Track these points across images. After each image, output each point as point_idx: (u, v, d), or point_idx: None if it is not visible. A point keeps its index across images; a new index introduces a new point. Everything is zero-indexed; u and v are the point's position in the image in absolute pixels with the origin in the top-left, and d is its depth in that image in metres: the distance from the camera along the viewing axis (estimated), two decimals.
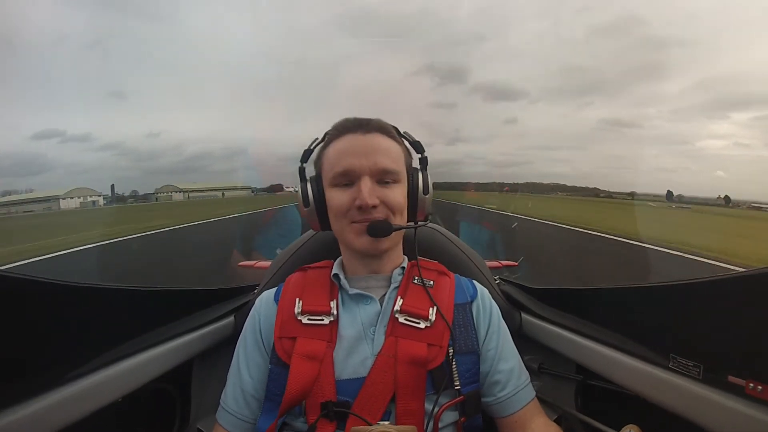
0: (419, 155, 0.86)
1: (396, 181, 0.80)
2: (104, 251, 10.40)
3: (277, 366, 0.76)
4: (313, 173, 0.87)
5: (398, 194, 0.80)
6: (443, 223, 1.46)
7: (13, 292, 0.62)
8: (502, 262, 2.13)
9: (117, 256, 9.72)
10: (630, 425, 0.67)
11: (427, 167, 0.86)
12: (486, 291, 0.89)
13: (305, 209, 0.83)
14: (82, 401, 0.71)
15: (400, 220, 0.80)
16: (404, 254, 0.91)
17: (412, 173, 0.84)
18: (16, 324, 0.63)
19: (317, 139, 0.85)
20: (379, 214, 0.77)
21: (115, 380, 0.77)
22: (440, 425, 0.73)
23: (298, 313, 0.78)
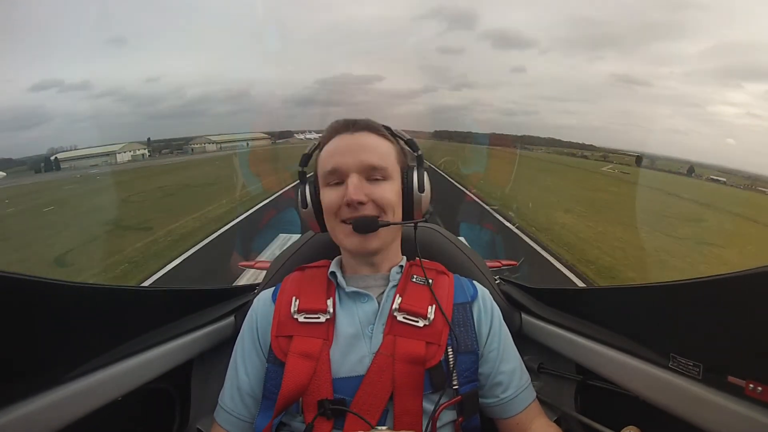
0: (415, 153, 0.86)
1: (385, 178, 0.80)
2: None
3: (274, 364, 0.77)
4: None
5: (387, 190, 0.79)
6: None
7: (13, 292, 0.62)
8: (502, 261, 2.14)
9: None
10: (630, 426, 0.67)
11: (423, 164, 0.85)
12: (487, 292, 0.89)
13: (303, 210, 0.85)
14: (81, 401, 0.71)
15: (392, 217, 0.80)
16: (403, 254, 0.91)
17: (406, 171, 0.84)
18: (16, 324, 0.63)
19: (315, 143, 0.87)
20: (367, 211, 0.77)
21: (115, 380, 0.77)
22: (438, 425, 0.73)
23: (295, 311, 0.79)
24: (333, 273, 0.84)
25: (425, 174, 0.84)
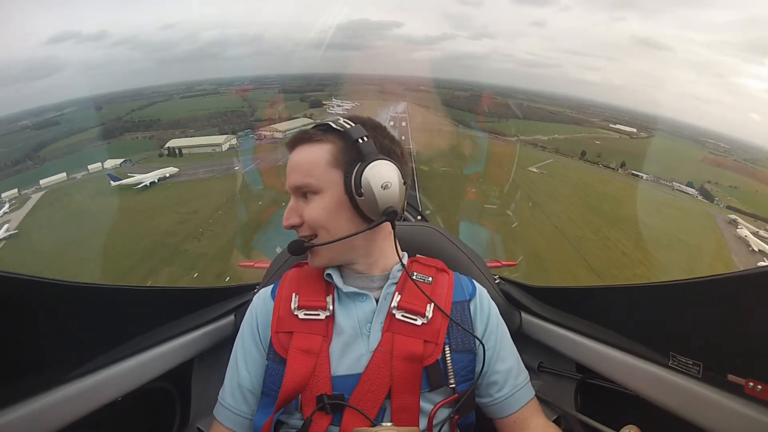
0: (356, 139, 0.73)
1: (315, 192, 0.76)
2: None
3: (274, 361, 0.77)
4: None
5: (313, 209, 0.76)
6: None
7: (13, 292, 0.62)
8: (502, 261, 2.13)
9: None
10: (629, 425, 0.67)
11: (369, 155, 0.73)
12: (485, 290, 0.89)
13: None
14: (82, 400, 0.71)
15: (326, 234, 0.76)
16: (404, 251, 0.89)
17: (347, 172, 0.74)
18: (16, 324, 0.63)
19: None
20: (303, 232, 0.78)
21: (116, 379, 0.78)
22: (434, 422, 0.74)
23: (295, 308, 0.78)
24: (329, 275, 0.83)
25: (373, 165, 0.72)
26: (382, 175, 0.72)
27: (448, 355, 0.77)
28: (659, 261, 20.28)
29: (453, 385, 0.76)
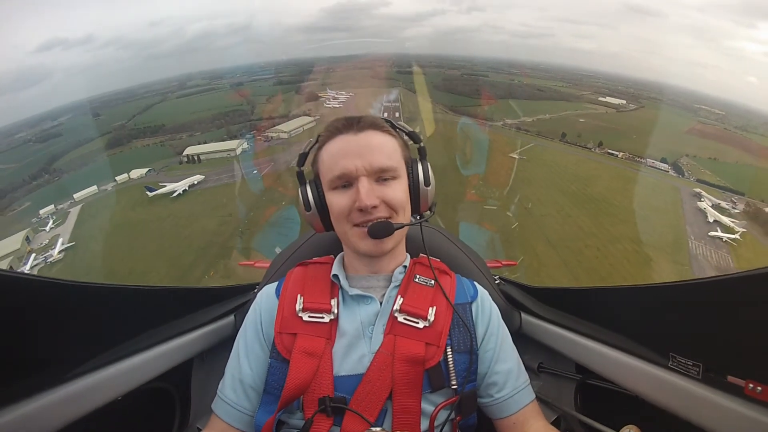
0: (417, 145, 0.84)
1: (395, 177, 0.79)
2: None
3: (277, 360, 0.78)
4: (312, 175, 0.86)
5: (398, 190, 0.79)
6: None
7: (13, 292, 0.64)
8: (502, 261, 2.12)
9: None
10: (629, 425, 0.66)
11: (426, 155, 0.84)
12: (486, 293, 0.89)
13: (307, 213, 0.84)
14: (82, 400, 0.73)
15: (403, 216, 0.79)
16: (407, 252, 0.91)
17: (411, 165, 0.82)
18: (16, 324, 0.65)
19: (311, 141, 0.85)
20: (380, 214, 0.77)
21: (116, 379, 0.79)
22: (436, 423, 0.74)
23: (299, 310, 0.79)
24: (336, 276, 0.84)
25: (428, 164, 0.84)
26: (432, 174, 0.84)
27: (450, 356, 0.77)
28: (609, 232, 23.02)
29: (455, 386, 0.76)
